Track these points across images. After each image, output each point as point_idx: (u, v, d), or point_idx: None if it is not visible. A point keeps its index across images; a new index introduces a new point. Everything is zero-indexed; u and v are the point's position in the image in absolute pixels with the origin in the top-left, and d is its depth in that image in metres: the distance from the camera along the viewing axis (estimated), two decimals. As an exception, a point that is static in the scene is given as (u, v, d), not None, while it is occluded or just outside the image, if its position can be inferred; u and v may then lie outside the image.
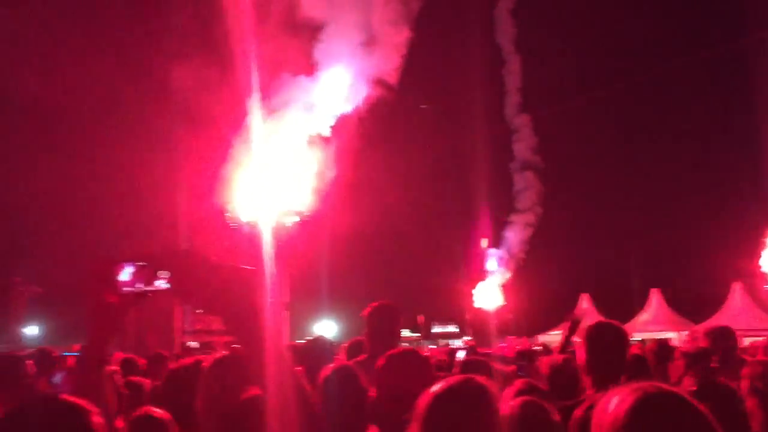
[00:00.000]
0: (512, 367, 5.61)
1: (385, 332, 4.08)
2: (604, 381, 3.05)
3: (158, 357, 6.68)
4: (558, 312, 35.74)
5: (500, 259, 37.33)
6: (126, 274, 1.54)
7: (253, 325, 1.46)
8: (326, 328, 33.27)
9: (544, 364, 4.39)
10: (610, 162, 43.98)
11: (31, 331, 34.45)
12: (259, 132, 13.92)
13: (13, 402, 2.52)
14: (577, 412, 2.45)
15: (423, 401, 1.87)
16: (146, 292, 1.54)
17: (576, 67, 40.53)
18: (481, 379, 1.91)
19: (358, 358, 4.02)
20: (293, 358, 1.52)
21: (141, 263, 1.54)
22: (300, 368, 1.52)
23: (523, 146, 38.12)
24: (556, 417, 2.30)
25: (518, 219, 37.65)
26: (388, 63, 14.32)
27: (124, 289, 1.54)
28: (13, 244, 32.66)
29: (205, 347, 29.99)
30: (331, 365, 3.41)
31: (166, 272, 1.51)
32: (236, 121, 14.16)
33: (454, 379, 1.91)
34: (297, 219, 17.07)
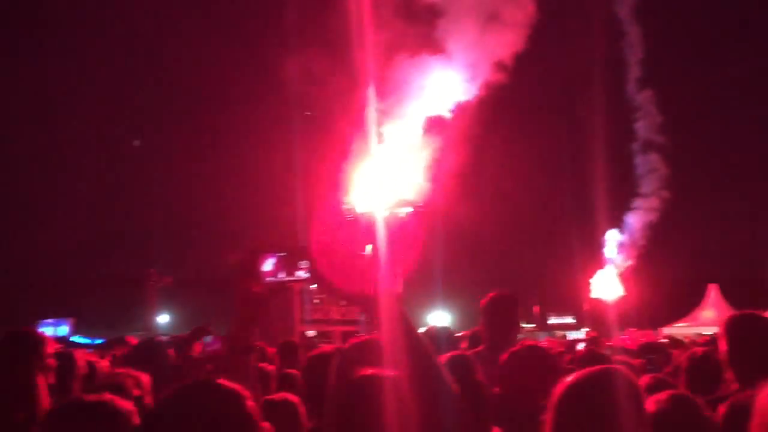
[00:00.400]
0: (638, 361, 5.38)
1: (504, 322, 4.05)
2: (750, 375, 2.87)
3: (289, 345, 6.94)
4: (683, 303, 34.08)
5: (621, 247, 35.48)
6: (269, 264, 1.63)
7: (391, 311, 1.51)
8: (440, 318, 33.31)
9: (682, 357, 4.19)
10: (743, 142, 40.94)
11: (163, 319, 36.61)
12: (376, 121, 14.05)
13: (162, 384, 2.74)
14: (722, 408, 2.33)
15: (560, 390, 1.79)
16: (288, 281, 1.63)
17: (706, 35, 37.47)
18: (623, 368, 1.84)
19: (477, 349, 4.03)
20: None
21: (282, 254, 1.63)
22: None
23: (647, 125, 35.34)
24: (707, 413, 2.17)
25: (641, 204, 35.27)
26: (508, 45, 14.05)
27: (267, 279, 1.63)
28: (147, 236, 34.80)
29: (323, 337, 30.88)
30: (448, 354, 3.44)
31: (305, 262, 1.59)
32: (353, 111, 14.38)
33: (595, 368, 1.82)
34: (411, 209, 17.13)
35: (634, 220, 35.32)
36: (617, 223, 35.37)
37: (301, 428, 2.98)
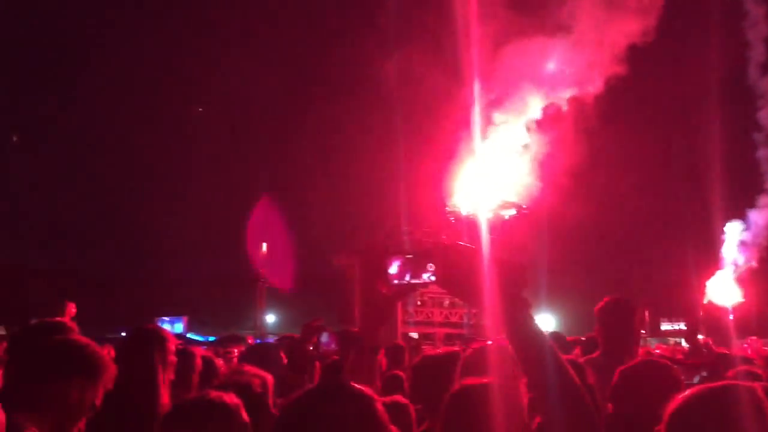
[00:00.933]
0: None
1: (621, 329, 3.86)
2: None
3: (396, 347, 6.98)
4: (811, 310, 31.67)
5: (741, 246, 32.95)
6: (395, 267, 1.64)
7: (516, 315, 1.48)
8: (545, 322, 32.59)
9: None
10: None
11: (270, 318, 37.81)
12: (481, 121, 14.06)
13: (278, 385, 2.80)
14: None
15: (675, 405, 1.66)
16: (415, 284, 1.63)
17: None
18: (748, 383, 1.68)
19: (591, 356, 3.87)
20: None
21: (409, 256, 1.63)
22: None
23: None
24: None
25: (766, 201, 32.64)
26: (629, 34, 13.52)
27: (395, 281, 1.63)
28: (253, 240, 35.98)
29: (425, 338, 30.94)
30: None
31: (432, 265, 1.58)
32: (459, 114, 14.38)
33: (716, 383, 1.67)
34: (514, 212, 16.96)
35: (758, 217, 32.60)
36: (738, 220, 32.94)
37: (411, 430, 2.97)
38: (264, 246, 33.65)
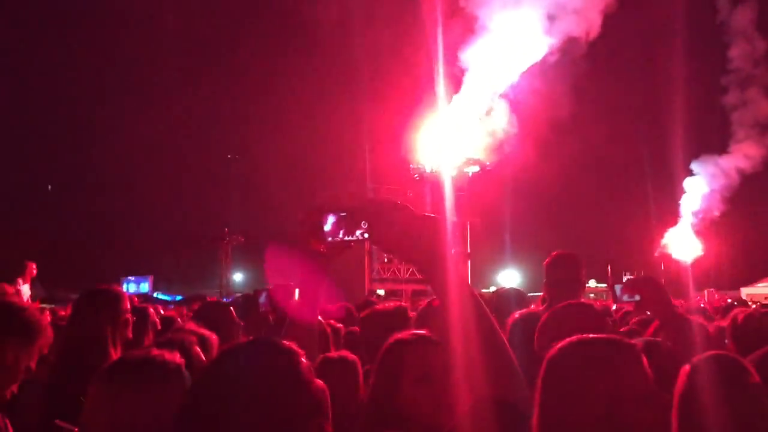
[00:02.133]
0: (714, 324, 5.07)
1: (566, 282, 3.96)
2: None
3: (368, 304, 7.00)
4: None
5: (703, 198, 32.37)
6: (329, 224, 1.64)
7: (446, 273, 1.50)
8: (510, 278, 33.09)
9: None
10: None
11: (237, 277, 37.79)
12: (445, 83, 14.06)
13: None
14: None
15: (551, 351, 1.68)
16: (349, 242, 1.63)
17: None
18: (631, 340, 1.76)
19: (539, 309, 3.97)
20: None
21: (342, 213, 1.63)
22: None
23: (743, 53, 29.70)
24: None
25: (734, 149, 30.69)
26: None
27: (329, 238, 1.64)
28: (222, 197, 35.74)
29: (392, 295, 31.27)
30: (519, 312, 3.40)
31: (365, 222, 1.58)
32: (423, 72, 14.35)
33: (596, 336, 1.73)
34: (477, 169, 17.03)
35: (724, 164, 31.23)
36: (701, 169, 32.04)
37: (358, 387, 3.02)
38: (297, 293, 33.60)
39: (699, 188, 32.87)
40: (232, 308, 3.99)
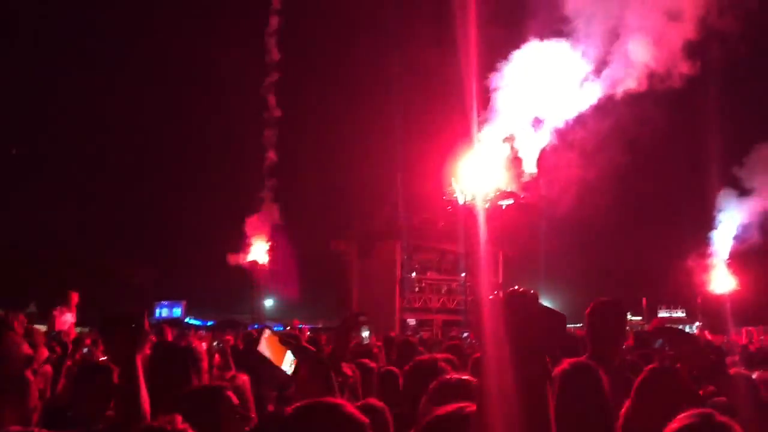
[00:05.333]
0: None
1: (609, 332, 3.89)
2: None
3: (406, 344, 6.88)
4: (808, 298, 31.52)
5: (739, 236, 31.77)
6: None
7: (540, 370, 1.49)
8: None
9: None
10: None
11: (268, 303, 37.97)
12: (483, 116, 14.14)
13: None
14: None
15: None
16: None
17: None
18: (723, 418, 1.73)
19: (580, 358, 3.89)
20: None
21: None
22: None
23: None
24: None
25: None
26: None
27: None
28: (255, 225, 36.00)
29: (423, 325, 31.11)
30: (571, 361, 3.27)
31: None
32: (462, 106, 14.41)
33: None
34: (512, 201, 16.97)
35: (756, 204, 31.23)
36: (736, 208, 31.75)
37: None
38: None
39: (734, 220, 32.21)
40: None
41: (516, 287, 1.54)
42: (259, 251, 35.29)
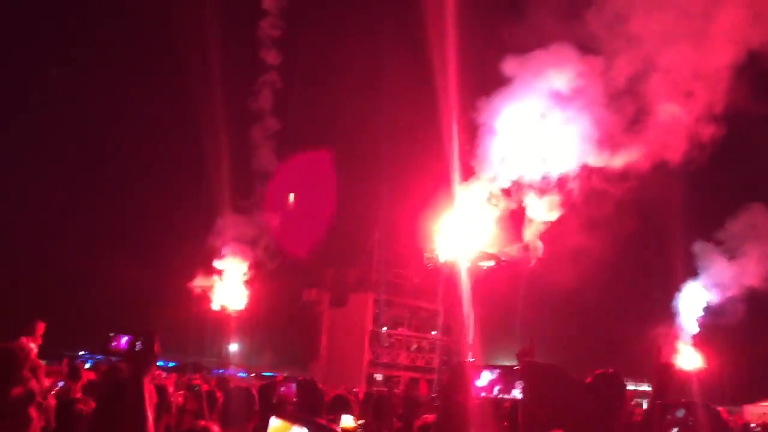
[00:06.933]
0: None
1: (610, 404, 3.85)
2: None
3: (369, 396, 6.81)
4: (773, 380, 31.71)
5: (704, 312, 32.23)
6: (485, 380, 1.61)
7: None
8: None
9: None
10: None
11: (233, 348, 37.17)
12: (465, 180, 14.24)
13: None
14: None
15: None
16: (502, 400, 1.60)
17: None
18: None
19: None
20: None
21: (497, 371, 1.60)
22: None
23: None
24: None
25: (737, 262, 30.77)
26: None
27: (481, 394, 1.61)
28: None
29: (389, 381, 30.69)
30: None
31: (521, 383, 1.55)
32: (443, 166, 14.53)
33: None
34: (493, 263, 17.03)
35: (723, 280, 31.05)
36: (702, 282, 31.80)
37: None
38: (291, 197, 31.64)
39: (700, 298, 32.38)
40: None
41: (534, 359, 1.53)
42: (230, 295, 34.79)
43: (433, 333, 30.39)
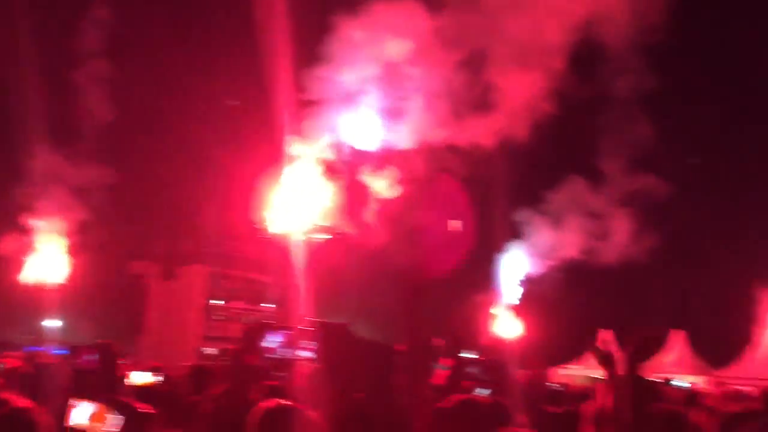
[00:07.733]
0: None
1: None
2: None
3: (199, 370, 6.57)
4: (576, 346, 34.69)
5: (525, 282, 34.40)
6: (272, 341, 1.51)
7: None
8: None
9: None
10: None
11: (55, 324, 34.74)
12: (297, 147, 13.93)
13: None
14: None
15: None
16: (289, 359, 1.52)
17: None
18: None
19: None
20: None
21: (284, 332, 1.51)
22: None
23: None
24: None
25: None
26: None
27: (267, 354, 1.51)
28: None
29: (223, 354, 30.09)
30: None
31: (311, 343, 1.47)
32: (275, 134, 14.13)
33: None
34: (328, 236, 16.96)
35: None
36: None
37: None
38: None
39: (518, 268, 34.37)
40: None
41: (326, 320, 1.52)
42: (49, 268, 32.29)
43: (264, 305, 30.13)
